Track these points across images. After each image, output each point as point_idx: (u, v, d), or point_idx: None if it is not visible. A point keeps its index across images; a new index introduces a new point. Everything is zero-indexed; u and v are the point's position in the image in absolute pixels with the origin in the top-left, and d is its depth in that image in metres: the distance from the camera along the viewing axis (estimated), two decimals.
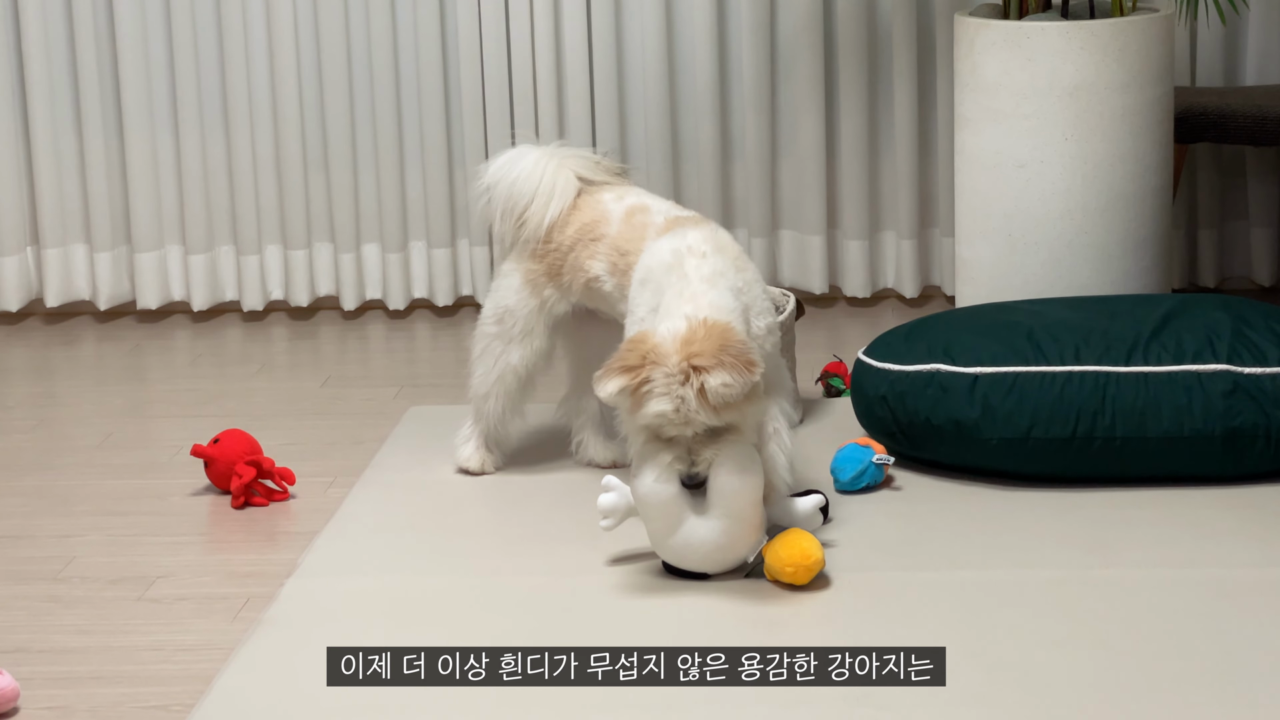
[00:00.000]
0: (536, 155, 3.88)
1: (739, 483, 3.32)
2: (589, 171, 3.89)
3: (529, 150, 3.90)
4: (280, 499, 3.95)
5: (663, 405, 3.29)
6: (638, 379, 3.30)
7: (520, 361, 3.90)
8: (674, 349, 3.30)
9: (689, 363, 3.28)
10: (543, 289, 3.86)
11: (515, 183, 3.86)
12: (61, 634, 3.34)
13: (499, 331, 3.91)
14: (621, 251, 3.71)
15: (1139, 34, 4.30)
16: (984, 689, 2.98)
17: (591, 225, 3.78)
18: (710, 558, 3.37)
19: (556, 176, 3.85)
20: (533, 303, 3.87)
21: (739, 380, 3.27)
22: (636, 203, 3.79)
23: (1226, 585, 3.32)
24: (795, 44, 5.16)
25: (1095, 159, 4.31)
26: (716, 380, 3.26)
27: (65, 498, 4.02)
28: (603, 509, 3.44)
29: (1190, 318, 3.91)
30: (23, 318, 5.45)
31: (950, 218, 5.17)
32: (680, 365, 3.28)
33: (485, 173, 3.92)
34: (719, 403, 3.28)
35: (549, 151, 3.89)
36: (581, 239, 3.79)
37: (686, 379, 3.28)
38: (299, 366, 4.97)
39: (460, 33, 5.18)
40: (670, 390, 3.28)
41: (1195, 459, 3.78)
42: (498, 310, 3.92)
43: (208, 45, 5.25)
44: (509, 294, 3.90)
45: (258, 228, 5.33)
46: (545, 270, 3.85)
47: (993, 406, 3.80)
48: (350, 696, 3.02)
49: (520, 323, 3.89)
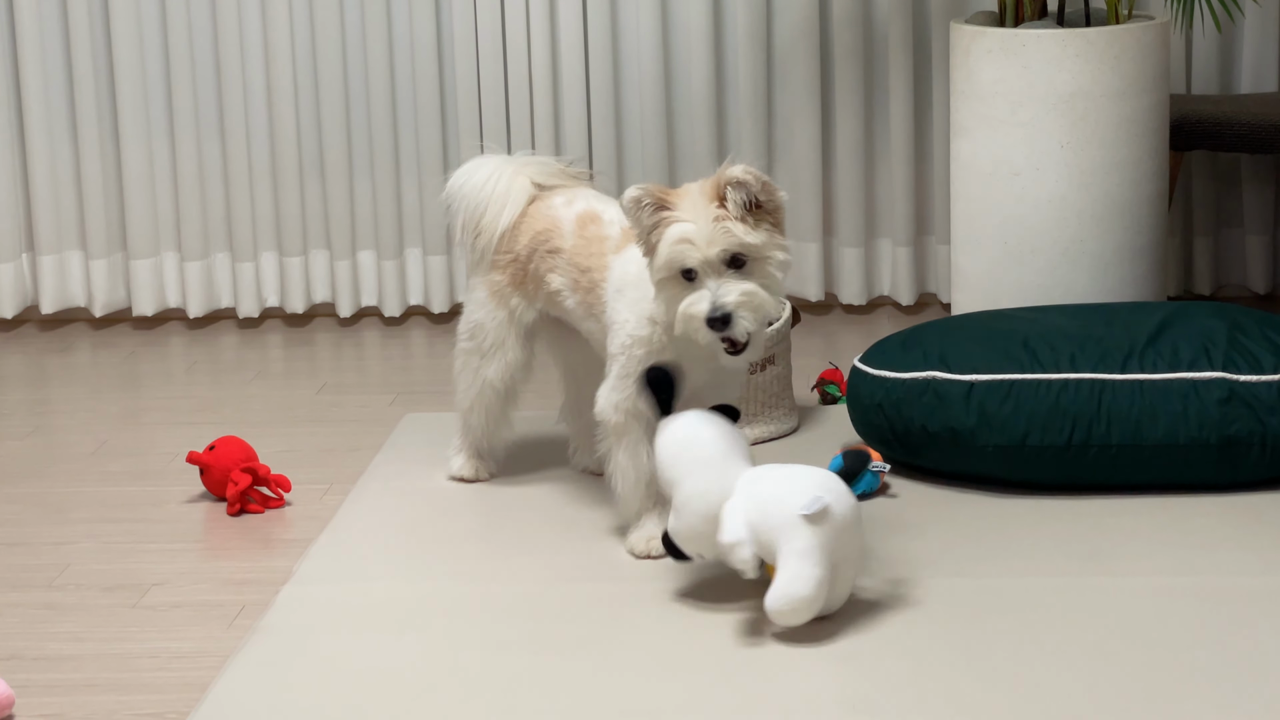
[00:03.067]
0: (493, 164, 3.87)
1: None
2: (546, 178, 3.88)
3: (487, 160, 3.90)
4: (276, 506, 3.95)
5: (684, 226, 3.27)
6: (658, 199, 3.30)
7: (496, 375, 3.89)
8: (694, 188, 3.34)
9: (710, 185, 3.30)
10: (509, 299, 3.85)
11: (471, 193, 3.85)
12: (56, 641, 3.34)
13: (473, 347, 3.90)
14: (582, 269, 3.67)
15: (1134, 42, 4.31)
16: (979, 697, 2.98)
17: (544, 234, 3.76)
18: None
19: (511, 184, 3.83)
20: (500, 314, 3.86)
21: (758, 177, 3.26)
22: (586, 209, 3.75)
23: (1222, 593, 3.32)
24: (791, 51, 5.17)
25: (1091, 167, 4.31)
26: (738, 168, 3.26)
27: (60, 505, 4.02)
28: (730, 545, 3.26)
29: (1186, 325, 3.92)
30: (18, 324, 5.45)
31: (946, 225, 5.17)
32: (701, 189, 3.30)
33: (449, 185, 3.92)
34: (741, 200, 3.26)
35: (506, 160, 3.88)
36: (537, 248, 3.77)
37: (710, 200, 3.28)
38: (295, 373, 4.97)
39: (456, 40, 5.18)
40: (695, 209, 3.28)
41: (1191, 467, 3.78)
42: (469, 326, 3.91)
43: (203, 52, 5.25)
44: (477, 309, 3.90)
45: (253, 235, 5.33)
46: (509, 280, 3.84)
47: (988, 414, 3.80)
48: (346, 703, 3.02)
49: (490, 335, 3.87)
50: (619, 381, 3.54)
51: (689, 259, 3.29)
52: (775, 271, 3.33)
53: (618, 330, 3.55)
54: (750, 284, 3.29)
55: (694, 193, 3.32)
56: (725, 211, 3.27)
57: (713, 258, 3.28)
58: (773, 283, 3.32)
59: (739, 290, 3.29)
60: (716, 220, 3.27)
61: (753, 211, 3.29)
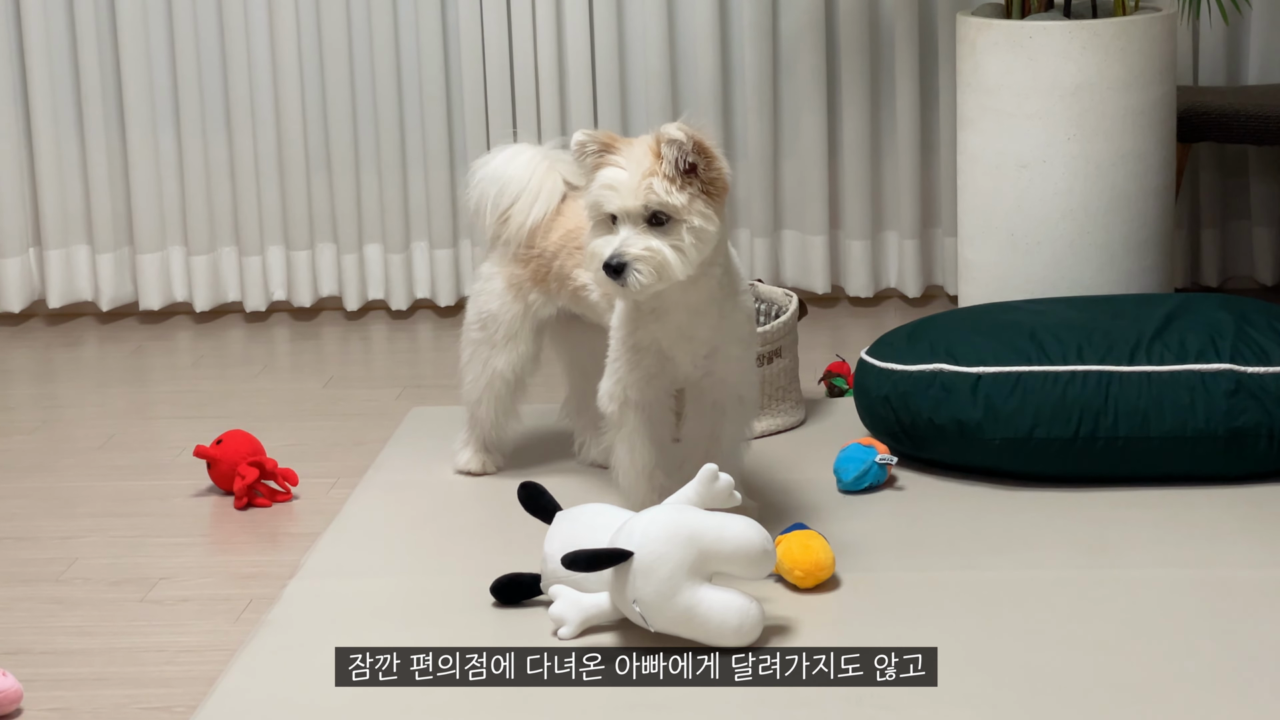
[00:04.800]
0: (530, 154, 3.87)
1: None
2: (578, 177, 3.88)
3: (524, 149, 3.89)
4: (283, 500, 3.95)
5: (614, 173, 3.29)
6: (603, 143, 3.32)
7: (507, 366, 3.89)
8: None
9: (653, 139, 3.30)
10: (527, 294, 3.85)
11: (504, 179, 3.85)
12: (64, 635, 3.34)
13: (483, 337, 3.90)
14: None
15: (1141, 33, 4.30)
16: (985, 689, 2.97)
17: (576, 232, 3.76)
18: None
19: (545, 179, 3.83)
20: (516, 308, 3.86)
21: (694, 140, 3.26)
22: None
23: (1229, 585, 3.32)
24: (797, 44, 5.16)
25: (1097, 158, 4.31)
26: (673, 126, 3.27)
27: (68, 499, 4.02)
28: (554, 618, 3.22)
29: (1193, 317, 3.91)
30: (25, 319, 5.45)
31: (952, 217, 5.17)
32: (645, 142, 3.31)
33: (478, 165, 3.91)
34: (674, 158, 3.26)
35: (543, 152, 3.88)
36: (566, 246, 3.77)
37: (652, 155, 3.29)
38: (301, 367, 4.97)
39: (462, 33, 5.18)
40: (632, 159, 3.29)
41: (1198, 459, 3.78)
42: (481, 315, 3.90)
43: (209, 46, 5.25)
44: (491, 299, 3.89)
45: (260, 228, 5.33)
46: (530, 275, 3.84)
47: (995, 406, 3.79)
48: (353, 697, 3.02)
49: (504, 328, 3.87)
50: (610, 367, 3.54)
51: (609, 204, 3.32)
52: (688, 236, 3.31)
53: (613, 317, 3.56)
54: (658, 241, 3.30)
55: (637, 145, 3.33)
56: (657, 167, 3.28)
57: (632, 208, 3.30)
58: (684, 246, 3.31)
59: (643, 244, 3.29)
60: (645, 174, 3.28)
61: (686, 175, 3.30)
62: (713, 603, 3.08)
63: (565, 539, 3.26)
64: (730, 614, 3.08)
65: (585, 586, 3.21)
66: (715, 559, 3.11)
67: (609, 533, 3.18)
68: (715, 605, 3.08)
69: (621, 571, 3.10)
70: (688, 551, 3.08)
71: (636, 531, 3.11)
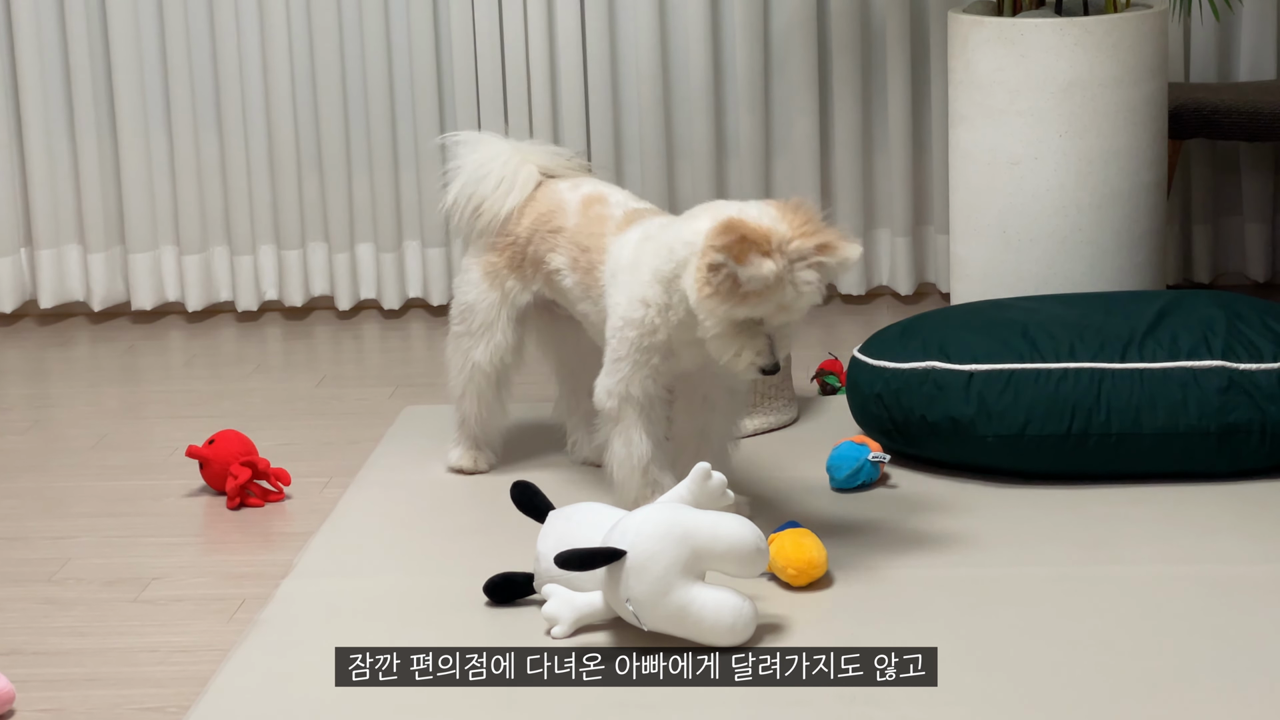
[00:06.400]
0: (500, 145, 3.87)
1: None
2: (552, 164, 3.88)
3: (493, 139, 3.89)
4: (276, 500, 3.95)
5: (777, 293, 3.30)
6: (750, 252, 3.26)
7: (485, 358, 3.88)
8: (782, 224, 3.31)
9: (801, 238, 3.32)
10: (504, 281, 3.85)
11: (474, 170, 3.84)
12: (57, 636, 3.34)
13: (463, 330, 3.90)
14: (582, 247, 3.67)
15: (1132, 30, 4.30)
16: (980, 687, 2.98)
17: (548, 215, 3.76)
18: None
19: (519, 169, 3.83)
20: (493, 295, 3.85)
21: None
22: (593, 191, 3.75)
23: (1222, 582, 3.32)
24: (789, 41, 5.16)
25: (1089, 155, 4.31)
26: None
27: (60, 499, 4.02)
28: (548, 617, 3.22)
29: (1185, 314, 3.92)
30: (17, 319, 5.44)
31: (945, 215, 5.17)
32: (794, 243, 3.31)
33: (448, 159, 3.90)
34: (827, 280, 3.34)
35: (513, 146, 3.88)
36: (539, 229, 3.77)
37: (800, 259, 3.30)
38: (294, 367, 4.97)
39: (454, 32, 5.18)
40: (786, 273, 3.29)
41: (1190, 455, 3.78)
42: (460, 308, 3.91)
43: (201, 46, 5.24)
44: (469, 289, 3.89)
45: (252, 228, 5.33)
46: (505, 263, 3.84)
47: (988, 404, 3.80)
48: (348, 697, 3.02)
49: (480, 316, 3.86)
50: (612, 365, 3.54)
51: (772, 321, 3.33)
52: None
53: (611, 313, 3.55)
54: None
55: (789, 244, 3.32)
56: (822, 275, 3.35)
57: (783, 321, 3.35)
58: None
59: (787, 345, 3.39)
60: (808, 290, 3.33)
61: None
62: (706, 601, 3.08)
63: (558, 538, 3.26)
64: (723, 612, 3.08)
65: (578, 585, 3.21)
66: (708, 557, 3.11)
67: (602, 531, 3.18)
68: (708, 604, 3.08)
69: (615, 570, 3.10)
70: (681, 550, 3.08)
71: (629, 530, 3.11)
